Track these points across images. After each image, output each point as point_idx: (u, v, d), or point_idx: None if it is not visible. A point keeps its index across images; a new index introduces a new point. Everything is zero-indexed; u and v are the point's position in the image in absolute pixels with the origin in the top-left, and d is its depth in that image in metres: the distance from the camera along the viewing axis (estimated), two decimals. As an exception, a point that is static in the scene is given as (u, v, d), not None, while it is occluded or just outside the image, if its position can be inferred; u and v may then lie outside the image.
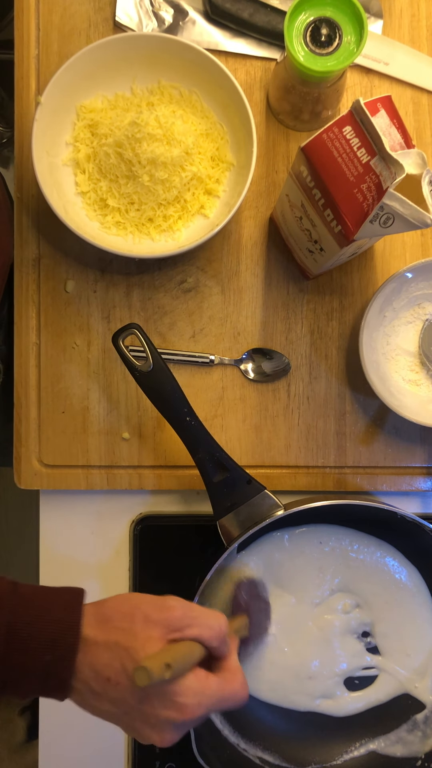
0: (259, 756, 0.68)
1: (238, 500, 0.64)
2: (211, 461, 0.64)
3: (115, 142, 0.67)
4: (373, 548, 0.71)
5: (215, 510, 0.65)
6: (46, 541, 0.74)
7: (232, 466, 0.64)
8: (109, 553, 0.75)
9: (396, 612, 0.71)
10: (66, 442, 0.72)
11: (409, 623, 0.71)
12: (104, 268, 0.73)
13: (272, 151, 0.74)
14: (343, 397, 0.74)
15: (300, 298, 0.74)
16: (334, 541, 0.71)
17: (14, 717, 1.22)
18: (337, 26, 0.60)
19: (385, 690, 0.71)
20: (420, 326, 0.73)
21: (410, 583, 0.71)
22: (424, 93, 0.74)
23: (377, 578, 0.71)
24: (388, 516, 0.67)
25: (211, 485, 0.64)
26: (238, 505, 0.64)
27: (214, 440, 0.63)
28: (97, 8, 0.73)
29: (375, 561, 0.71)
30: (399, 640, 0.71)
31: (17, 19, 0.73)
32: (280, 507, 0.64)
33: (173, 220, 0.70)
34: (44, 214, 0.72)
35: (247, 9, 0.71)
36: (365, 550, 0.71)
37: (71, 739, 0.74)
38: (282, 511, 0.64)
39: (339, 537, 0.71)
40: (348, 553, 0.71)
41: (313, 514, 0.67)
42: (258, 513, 0.64)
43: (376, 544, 0.71)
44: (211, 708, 0.51)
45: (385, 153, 0.51)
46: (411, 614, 0.71)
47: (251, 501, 0.65)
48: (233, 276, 0.73)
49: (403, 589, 0.71)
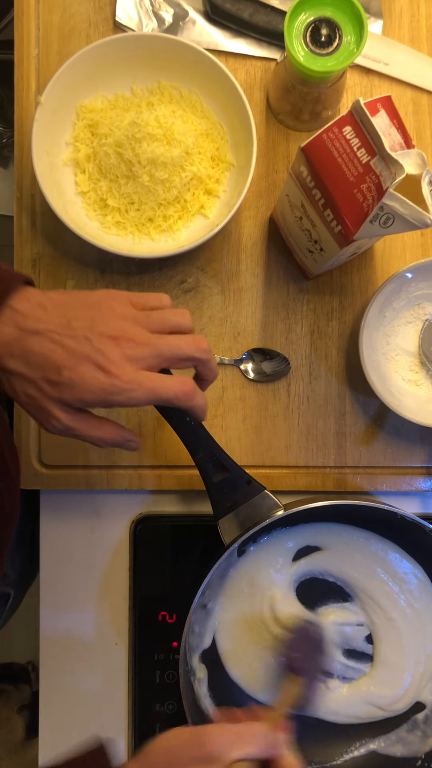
0: None
1: (238, 500, 0.64)
2: (211, 461, 0.64)
3: (115, 142, 0.67)
4: (375, 544, 0.72)
5: (215, 510, 0.65)
6: (46, 541, 0.74)
7: (232, 467, 0.64)
8: (109, 553, 0.75)
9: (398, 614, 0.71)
10: (66, 442, 0.72)
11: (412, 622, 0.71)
12: (104, 268, 0.73)
13: (272, 151, 0.74)
14: (343, 397, 0.74)
15: (300, 298, 0.74)
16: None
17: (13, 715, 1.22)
18: (337, 26, 0.60)
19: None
20: (420, 326, 0.73)
21: (414, 580, 0.71)
22: (424, 93, 0.75)
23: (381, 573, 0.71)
24: (388, 516, 0.67)
25: (211, 485, 0.64)
26: (238, 505, 0.64)
27: (213, 440, 0.63)
28: (97, 8, 0.73)
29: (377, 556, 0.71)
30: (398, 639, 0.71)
31: (17, 19, 0.73)
32: (280, 507, 0.65)
33: (173, 220, 0.70)
34: (44, 214, 0.72)
35: (247, 9, 0.71)
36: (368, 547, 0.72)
37: (71, 738, 0.74)
38: (282, 511, 0.64)
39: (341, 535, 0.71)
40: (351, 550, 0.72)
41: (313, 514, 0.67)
42: (258, 513, 0.64)
43: (377, 540, 0.72)
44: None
45: (385, 153, 0.51)
46: (414, 614, 0.71)
47: (251, 501, 0.65)
48: (233, 276, 0.73)
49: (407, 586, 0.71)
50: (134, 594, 0.73)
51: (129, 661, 0.74)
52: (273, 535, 0.71)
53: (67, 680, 0.74)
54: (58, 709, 0.74)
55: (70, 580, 0.74)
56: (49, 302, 0.50)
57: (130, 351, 0.51)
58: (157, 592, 0.73)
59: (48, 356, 0.49)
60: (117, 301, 0.53)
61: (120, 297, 0.53)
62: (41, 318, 0.49)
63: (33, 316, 0.49)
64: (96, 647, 0.74)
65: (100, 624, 0.74)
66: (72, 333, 0.50)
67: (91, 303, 0.52)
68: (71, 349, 0.49)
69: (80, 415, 0.52)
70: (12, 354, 0.49)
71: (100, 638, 0.74)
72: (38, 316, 0.49)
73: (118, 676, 0.74)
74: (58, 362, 0.49)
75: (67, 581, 0.74)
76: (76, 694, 0.74)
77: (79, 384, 0.49)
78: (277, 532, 0.71)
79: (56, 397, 0.50)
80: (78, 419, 0.52)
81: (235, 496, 0.64)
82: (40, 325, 0.49)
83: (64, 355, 0.49)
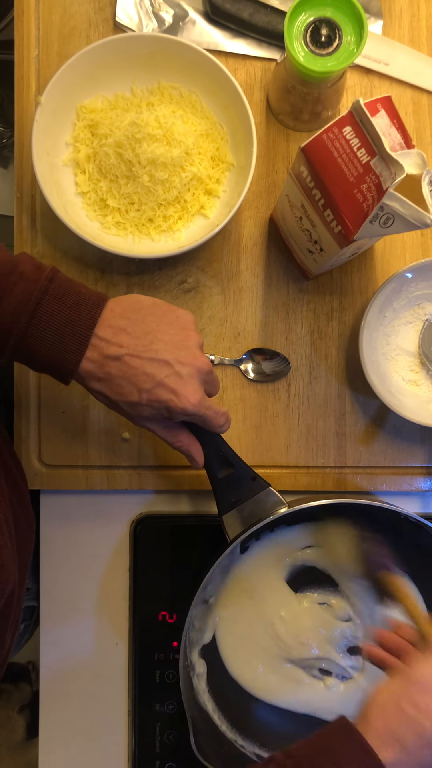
0: (256, 753, 0.69)
1: (242, 496, 0.64)
2: (216, 457, 0.64)
3: (115, 143, 0.67)
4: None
5: (219, 506, 0.65)
6: (46, 541, 0.74)
7: (237, 463, 0.64)
8: (109, 553, 0.75)
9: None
10: (66, 442, 0.73)
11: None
12: (104, 268, 0.73)
13: (272, 151, 0.74)
14: (343, 397, 0.74)
15: (300, 298, 0.74)
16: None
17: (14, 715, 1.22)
18: (337, 27, 0.60)
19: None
20: (420, 326, 0.73)
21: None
22: (424, 93, 0.75)
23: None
24: (389, 515, 0.67)
25: (215, 481, 0.64)
26: (242, 501, 0.64)
27: (219, 436, 0.63)
28: (97, 8, 0.73)
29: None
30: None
31: (17, 19, 0.73)
32: (284, 504, 0.64)
33: (173, 220, 0.70)
34: (44, 214, 0.72)
35: (247, 9, 0.71)
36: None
37: (71, 738, 0.74)
38: (286, 509, 0.64)
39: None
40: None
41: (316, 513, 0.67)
42: (262, 510, 0.64)
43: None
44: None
45: (385, 153, 0.51)
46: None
47: (255, 497, 0.64)
48: (233, 276, 0.73)
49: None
50: (134, 594, 0.73)
51: (129, 661, 0.74)
52: (276, 533, 0.71)
53: (67, 680, 0.74)
54: (58, 708, 0.74)
55: (70, 580, 0.74)
56: (129, 324, 0.55)
57: (199, 378, 0.57)
58: (157, 592, 0.73)
59: (129, 380, 0.54)
60: (195, 331, 0.58)
61: (194, 324, 0.58)
62: (122, 343, 0.54)
63: (115, 342, 0.54)
64: (96, 647, 0.74)
65: (100, 624, 0.75)
66: (154, 356, 0.54)
67: (172, 320, 0.57)
68: (151, 375, 0.54)
69: (159, 423, 0.59)
70: (97, 378, 0.54)
71: (100, 638, 0.74)
72: (120, 341, 0.54)
73: (118, 676, 0.74)
74: (139, 385, 0.54)
75: (68, 581, 0.74)
76: (76, 693, 0.74)
77: (156, 405, 0.55)
78: (280, 530, 0.71)
79: (136, 415, 0.57)
80: (156, 426, 0.59)
81: (239, 492, 0.64)
82: (121, 350, 0.54)
83: (144, 378, 0.54)
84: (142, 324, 0.55)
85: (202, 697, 0.68)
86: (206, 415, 0.57)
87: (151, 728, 0.73)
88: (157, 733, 0.72)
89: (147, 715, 0.73)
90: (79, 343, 0.53)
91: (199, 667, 0.69)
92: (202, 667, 0.69)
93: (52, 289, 0.52)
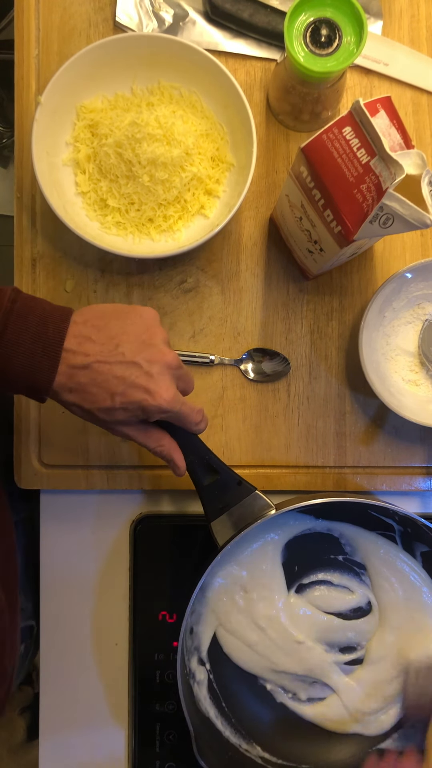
0: (260, 756, 0.69)
1: (229, 502, 0.64)
2: (201, 464, 0.64)
3: (115, 143, 0.67)
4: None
5: (207, 513, 0.64)
6: (45, 541, 0.74)
7: (221, 469, 0.64)
8: (109, 553, 0.75)
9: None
10: (66, 442, 0.73)
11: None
12: (104, 268, 0.73)
13: (272, 151, 0.74)
14: (343, 397, 0.74)
15: (300, 298, 0.74)
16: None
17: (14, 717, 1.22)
18: (337, 27, 0.60)
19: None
20: (419, 326, 0.73)
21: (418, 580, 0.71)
22: (423, 93, 0.75)
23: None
24: (387, 514, 0.67)
25: (201, 488, 0.64)
26: (230, 506, 0.64)
27: (202, 443, 0.63)
28: (97, 8, 0.73)
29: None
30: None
31: (17, 19, 0.73)
32: (271, 507, 0.64)
33: (173, 220, 0.70)
34: (44, 214, 0.72)
35: (247, 9, 0.71)
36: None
37: (71, 739, 0.74)
38: (274, 511, 0.64)
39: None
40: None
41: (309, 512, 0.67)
42: (250, 514, 0.64)
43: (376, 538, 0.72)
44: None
45: (385, 153, 0.51)
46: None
47: (243, 502, 0.64)
48: (233, 276, 0.73)
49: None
50: (134, 594, 0.73)
51: (129, 661, 0.74)
52: (269, 536, 0.71)
53: (67, 680, 0.74)
54: (58, 709, 0.74)
55: (70, 581, 0.74)
56: (93, 332, 0.55)
57: (170, 374, 0.57)
58: (157, 592, 0.73)
59: (101, 385, 0.54)
60: (159, 327, 0.58)
61: (157, 321, 0.58)
62: (88, 351, 0.54)
63: (81, 352, 0.54)
64: (96, 647, 0.74)
65: (100, 624, 0.75)
66: (121, 359, 0.54)
67: (134, 320, 0.57)
68: (121, 378, 0.54)
69: (137, 427, 0.59)
70: (69, 389, 0.54)
71: (100, 638, 0.75)
72: (85, 350, 0.54)
73: (118, 676, 0.74)
74: (110, 390, 0.54)
75: (67, 581, 0.74)
76: (76, 694, 0.74)
77: (130, 407, 0.55)
78: (272, 532, 0.71)
79: (111, 420, 0.56)
80: (134, 431, 0.59)
81: (226, 498, 0.64)
82: (87, 359, 0.54)
83: (115, 382, 0.54)
84: (106, 330, 0.55)
85: (203, 704, 0.68)
86: (182, 411, 0.57)
87: (151, 728, 0.73)
88: (157, 733, 0.72)
89: (147, 715, 0.73)
90: (51, 359, 0.53)
91: (200, 675, 0.69)
92: (202, 674, 0.69)
93: (16, 309, 0.52)
